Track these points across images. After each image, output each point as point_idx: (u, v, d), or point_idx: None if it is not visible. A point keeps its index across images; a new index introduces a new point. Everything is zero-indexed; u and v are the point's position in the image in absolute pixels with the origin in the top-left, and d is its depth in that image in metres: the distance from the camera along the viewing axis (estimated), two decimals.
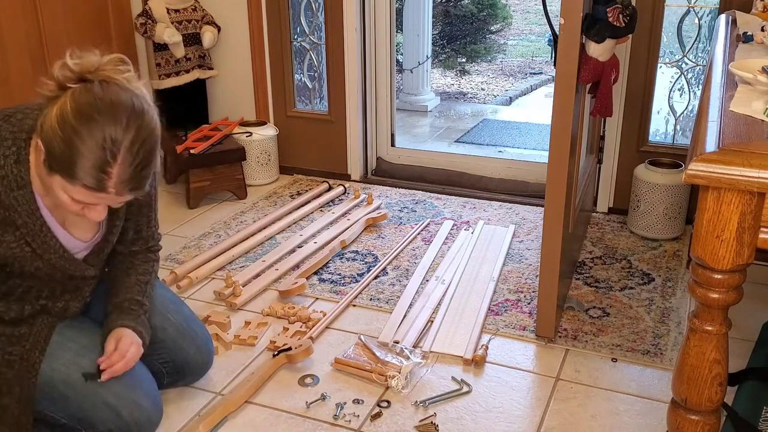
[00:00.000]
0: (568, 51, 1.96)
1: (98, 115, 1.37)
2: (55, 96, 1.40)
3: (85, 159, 1.36)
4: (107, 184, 1.40)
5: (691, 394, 1.31)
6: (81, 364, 1.68)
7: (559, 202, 2.10)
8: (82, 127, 1.36)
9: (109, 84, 1.41)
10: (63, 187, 1.41)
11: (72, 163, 1.37)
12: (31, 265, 1.56)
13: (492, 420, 1.91)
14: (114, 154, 1.38)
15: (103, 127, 1.37)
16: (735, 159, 1.12)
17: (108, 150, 1.37)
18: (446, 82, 6.26)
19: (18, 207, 1.48)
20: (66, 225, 1.60)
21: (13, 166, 1.47)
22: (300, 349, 2.09)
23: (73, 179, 1.38)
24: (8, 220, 1.48)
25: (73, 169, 1.37)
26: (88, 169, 1.37)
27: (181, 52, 3.39)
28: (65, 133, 1.36)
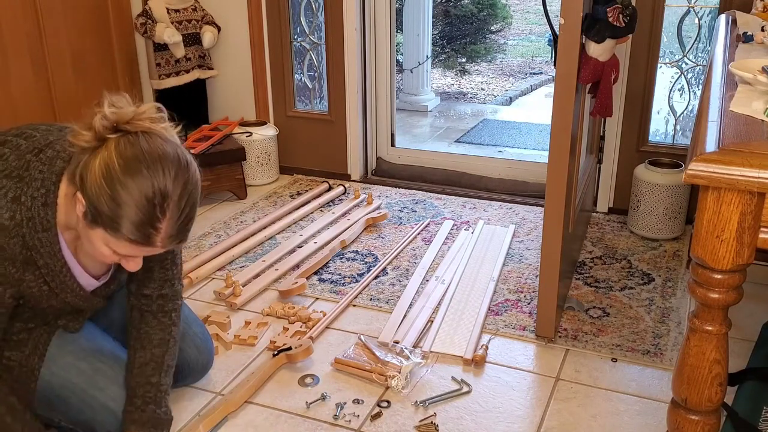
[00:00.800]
0: (568, 51, 1.96)
1: (147, 170, 1.34)
2: (93, 147, 1.36)
3: (134, 215, 1.34)
4: (155, 239, 1.38)
5: (691, 394, 1.31)
6: (80, 368, 1.67)
7: (559, 202, 2.10)
8: (130, 183, 1.33)
9: (152, 136, 1.38)
10: (105, 240, 1.39)
11: (119, 219, 1.34)
12: (46, 302, 1.55)
13: (492, 420, 1.91)
14: (163, 210, 1.36)
15: (152, 182, 1.34)
16: (735, 159, 1.12)
17: (157, 205, 1.35)
18: (446, 82, 6.27)
19: (41, 248, 1.46)
20: (80, 259, 1.58)
21: (41, 209, 1.44)
22: (300, 349, 2.09)
23: (119, 234, 1.36)
24: (30, 260, 1.47)
25: (120, 225, 1.34)
26: (136, 224, 1.35)
27: (181, 52, 3.39)
28: (113, 189, 1.33)
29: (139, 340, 1.72)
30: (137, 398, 1.68)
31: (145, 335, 1.72)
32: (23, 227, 1.43)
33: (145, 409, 1.68)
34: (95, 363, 1.70)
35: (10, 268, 1.44)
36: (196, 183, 1.43)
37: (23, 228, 1.43)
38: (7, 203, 1.42)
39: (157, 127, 1.40)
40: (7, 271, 1.44)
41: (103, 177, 1.33)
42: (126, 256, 1.44)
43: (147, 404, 1.68)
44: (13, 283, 1.47)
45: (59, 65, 3.23)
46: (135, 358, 1.70)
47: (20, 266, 1.46)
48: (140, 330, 1.72)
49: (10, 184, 1.43)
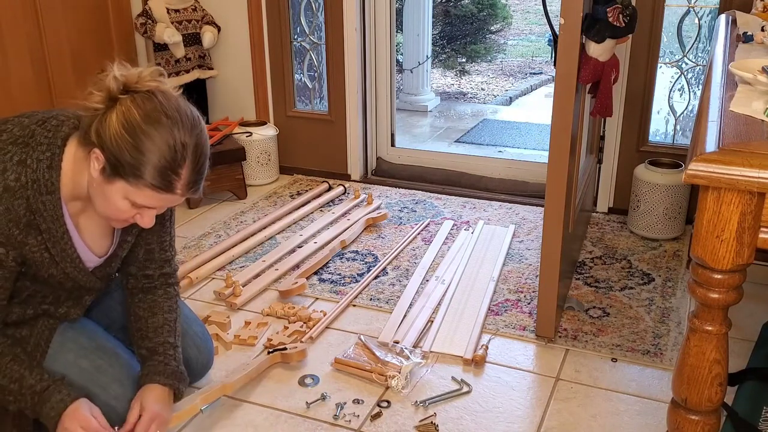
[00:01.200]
0: (568, 51, 1.96)
1: (167, 119, 1.42)
2: (106, 107, 1.42)
3: (157, 161, 1.41)
4: (176, 185, 1.45)
5: (691, 394, 1.31)
6: (82, 366, 1.68)
7: (559, 202, 2.10)
8: (152, 131, 1.40)
9: (165, 93, 1.46)
10: (125, 192, 1.44)
11: (142, 166, 1.40)
12: (46, 271, 1.56)
13: (492, 420, 1.91)
14: (183, 157, 1.43)
15: (172, 130, 1.42)
16: (735, 159, 1.12)
17: (178, 152, 1.42)
18: (446, 82, 6.27)
19: (44, 212, 1.49)
20: (83, 236, 1.60)
21: (45, 171, 1.47)
22: (294, 351, 2.09)
23: (142, 182, 1.42)
24: (33, 224, 1.49)
25: (143, 172, 1.41)
26: (159, 170, 1.41)
27: (181, 52, 3.39)
28: (135, 137, 1.39)
29: (150, 309, 1.77)
30: (159, 355, 1.72)
31: (155, 304, 1.78)
32: (28, 189, 1.45)
33: (168, 363, 1.72)
34: (96, 361, 1.70)
35: (14, 230, 1.46)
36: (206, 136, 1.51)
37: (28, 190, 1.45)
38: (12, 166, 1.45)
39: (164, 86, 1.48)
40: (11, 232, 1.46)
41: (123, 128, 1.40)
42: (144, 207, 1.48)
43: (169, 360, 1.73)
44: (16, 245, 1.48)
45: (59, 65, 3.23)
46: (148, 323, 1.75)
47: (24, 229, 1.47)
48: (146, 302, 1.78)
49: (16, 149, 1.47)
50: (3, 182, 1.44)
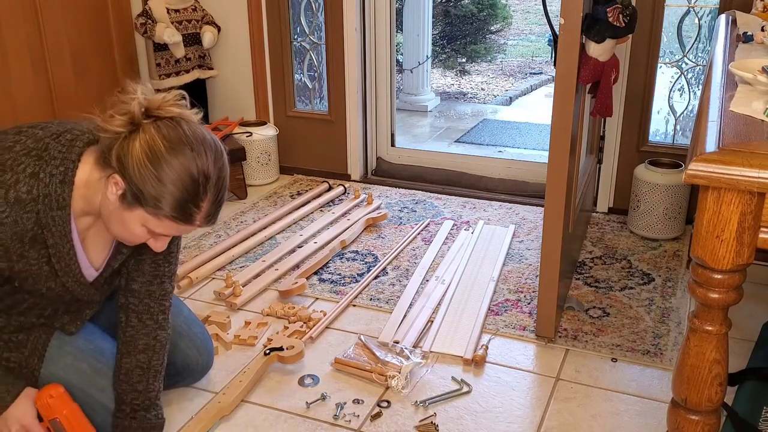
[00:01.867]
0: (568, 51, 1.96)
1: (191, 151, 1.40)
2: (128, 131, 1.40)
3: (179, 194, 1.39)
4: (195, 217, 1.43)
5: (691, 394, 1.31)
6: (80, 369, 1.67)
7: (559, 202, 2.10)
8: (176, 163, 1.38)
9: (188, 121, 1.44)
10: (144, 220, 1.43)
11: (163, 198, 1.39)
12: (44, 284, 1.54)
13: (492, 420, 1.91)
14: (205, 190, 1.41)
15: (197, 162, 1.40)
16: (735, 159, 1.12)
17: (201, 185, 1.40)
18: (446, 82, 6.27)
19: (53, 227, 1.46)
20: (86, 251, 1.58)
21: (58, 186, 1.44)
22: (292, 352, 2.07)
23: (161, 212, 1.40)
24: (39, 238, 1.46)
25: (164, 203, 1.39)
26: (181, 202, 1.40)
27: (181, 52, 3.39)
28: (159, 168, 1.37)
29: (125, 344, 1.70)
30: (125, 405, 1.68)
31: (131, 340, 1.70)
32: (39, 203, 1.44)
33: (134, 416, 1.68)
34: (94, 364, 1.70)
35: (16, 243, 1.44)
36: (227, 166, 1.49)
37: (39, 204, 1.44)
38: (25, 178, 1.43)
39: (186, 113, 1.45)
40: (11, 245, 1.44)
41: (147, 158, 1.37)
42: (160, 235, 1.47)
43: (135, 411, 1.69)
44: (12, 258, 1.45)
45: (59, 65, 3.23)
46: (121, 364, 1.70)
47: (27, 243, 1.46)
48: (126, 333, 1.70)
49: (29, 161, 1.45)
50: (15, 194, 1.42)
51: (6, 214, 1.41)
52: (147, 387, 1.70)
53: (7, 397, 1.54)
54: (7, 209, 1.41)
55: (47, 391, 1.59)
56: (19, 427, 1.56)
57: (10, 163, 1.44)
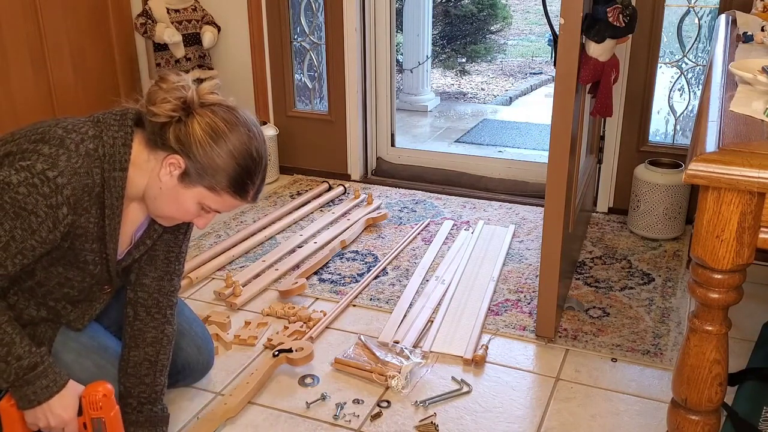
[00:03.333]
0: (568, 51, 1.96)
1: (246, 129, 1.51)
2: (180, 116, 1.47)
3: (240, 168, 1.49)
4: (249, 192, 1.54)
5: (691, 394, 1.31)
6: (84, 365, 1.68)
7: (559, 202, 2.10)
8: (236, 140, 1.48)
9: (235, 106, 1.55)
10: (202, 197, 1.51)
11: (225, 173, 1.48)
12: (90, 244, 1.54)
13: (492, 420, 1.91)
14: (259, 165, 1.53)
15: (252, 140, 1.51)
16: (735, 159, 1.12)
17: (256, 161, 1.52)
18: (446, 82, 6.26)
19: (113, 188, 1.50)
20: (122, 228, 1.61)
21: (121, 148, 1.50)
22: (302, 354, 2.07)
23: (221, 188, 1.50)
24: (99, 197, 1.50)
25: (225, 178, 1.49)
26: (239, 177, 1.50)
27: (181, 52, 3.39)
28: (221, 145, 1.47)
29: (133, 338, 1.73)
30: (132, 399, 1.70)
31: (139, 333, 1.73)
32: (105, 162, 1.48)
33: (141, 410, 1.70)
34: (99, 360, 1.70)
35: (85, 196, 1.47)
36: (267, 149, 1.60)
37: (105, 163, 1.48)
38: (89, 138, 1.48)
39: (228, 100, 1.55)
40: (81, 197, 1.46)
41: (210, 137, 1.47)
42: (213, 211, 1.56)
43: (142, 404, 1.70)
44: (79, 212, 1.47)
45: (59, 65, 3.23)
46: (129, 357, 1.72)
47: (93, 198, 1.49)
48: (134, 327, 1.73)
49: (89, 125, 1.50)
50: (85, 148, 1.46)
51: (79, 164, 1.44)
52: (154, 380, 1.72)
53: (54, 388, 1.52)
54: (80, 160, 1.45)
55: (97, 387, 1.56)
56: (59, 421, 1.54)
57: (71, 127, 1.48)
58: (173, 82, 1.49)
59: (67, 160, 1.43)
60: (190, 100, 1.48)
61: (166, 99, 1.46)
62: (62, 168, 1.42)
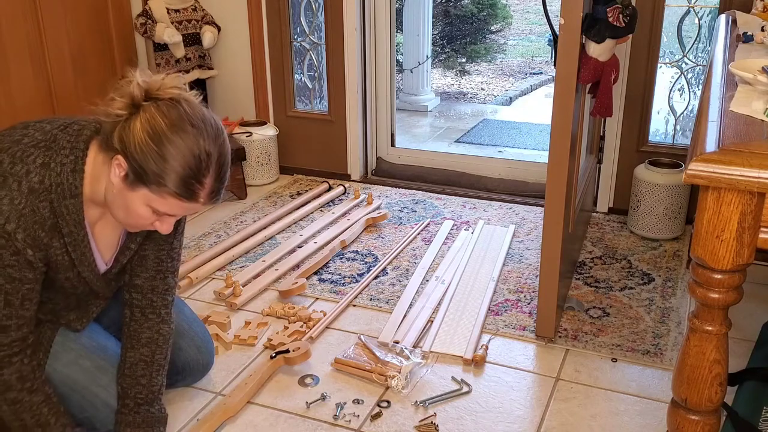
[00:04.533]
0: (568, 51, 1.96)
1: (192, 128, 1.41)
2: (129, 113, 1.41)
3: (181, 170, 1.40)
4: (199, 194, 1.44)
5: (691, 394, 1.31)
6: (83, 366, 1.68)
7: (559, 202, 2.10)
8: (178, 140, 1.40)
9: (189, 101, 1.46)
10: (148, 200, 1.44)
11: (166, 174, 1.40)
12: (64, 274, 1.56)
13: (492, 420, 1.91)
14: (207, 166, 1.43)
15: (197, 139, 1.41)
16: (735, 159, 1.12)
17: (203, 161, 1.42)
18: (446, 82, 6.26)
19: (67, 215, 1.48)
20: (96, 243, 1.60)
21: (69, 175, 1.47)
22: (298, 353, 2.08)
23: (165, 190, 1.41)
24: (56, 227, 1.48)
25: (167, 180, 1.40)
26: (184, 179, 1.41)
27: (181, 52, 3.39)
28: (160, 145, 1.39)
29: (129, 339, 1.73)
30: (129, 399, 1.69)
31: (134, 334, 1.72)
32: (52, 193, 1.45)
33: (138, 411, 1.69)
34: (98, 361, 1.70)
35: (39, 232, 1.45)
36: (229, 144, 1.51)
37: (52, 193, 1.45)
38: (36, 168, 1.45)
39: (186, 94, 1.47)
40: (37, 234, 1.45)
41: (148, 136, 1.39)
42: (165, 215, 1.48)
43: (139, 405, 1.70)
44: (42, 248, 1.48)
45: (59, 65, 3.23)
46: (125, 358, 1.72)
47: (48, 231, 1.47)
48: (130, 328, 1.73)
49: (38, 152, 1.47)
50: (28, 184, 1.44)
51: (23, 204, 1.43)
52: (150, 381, 1.72)
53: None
54: (23, 200, 1.43)
55: None
56: None
57: (20, 155, 1.46)
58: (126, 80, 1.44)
59: (10, 203, 1.42)
60: (135, 97, 1.42)
61: (114, 98, 1.42)
62: (7, 213, 1.41)
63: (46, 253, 1.49)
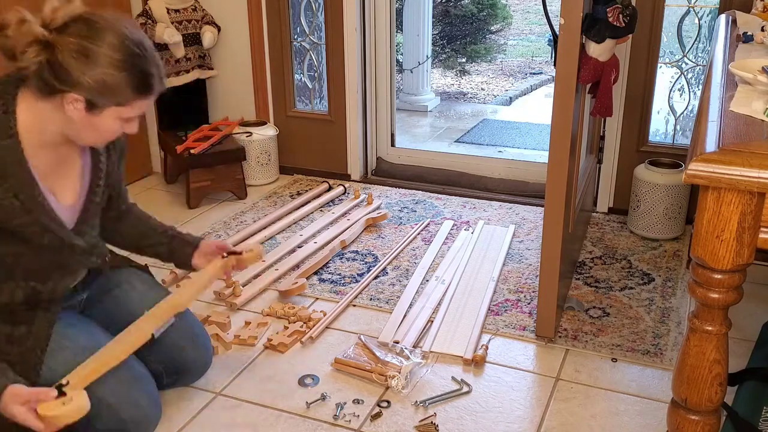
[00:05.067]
0: (568, 51, 1.96)
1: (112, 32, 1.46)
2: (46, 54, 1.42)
3: (134, 71, 1.47)
4: (155, 84, 1.53)
5: (691, 394, 1.31)
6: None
7: (559, 202, 2.10)
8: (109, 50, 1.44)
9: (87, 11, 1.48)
10: (118, 113, 1.51)
11: (124, 83, 1.47)
12: (18, 220, 1.55)
13: (492, 420, 1.91)
14: (146, 54, 1.51)
15: (126, 37, 1.47)
16: (735, 159, 1.12)
17: (143, 52, 1.49)
18: (446, 82, 6.26)
19: (6, 157, 1.49)
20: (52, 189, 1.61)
21: (1, 116, 1.48)
22: (251, 255, 1.99)
23: (129, 96, 1.49)
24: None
25: (127, 88, 1.48)
26: (139, 78, 1.49)
27: (181, 52, 3.38)
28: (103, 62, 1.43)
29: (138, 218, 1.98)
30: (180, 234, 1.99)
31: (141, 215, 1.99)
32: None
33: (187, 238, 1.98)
34: None
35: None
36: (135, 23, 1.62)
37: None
38: None
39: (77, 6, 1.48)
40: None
41: (84, 61, 1.43)
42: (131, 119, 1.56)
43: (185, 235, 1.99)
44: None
45: None
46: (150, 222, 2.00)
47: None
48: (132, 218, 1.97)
49: None
50: None
51: None
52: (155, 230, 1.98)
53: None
54: None
55: None
56: None
57: None
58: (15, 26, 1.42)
59: None
60: (40, 36, 1.42)
61: (23, 50, 1.42)
62: None
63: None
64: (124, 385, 1.69)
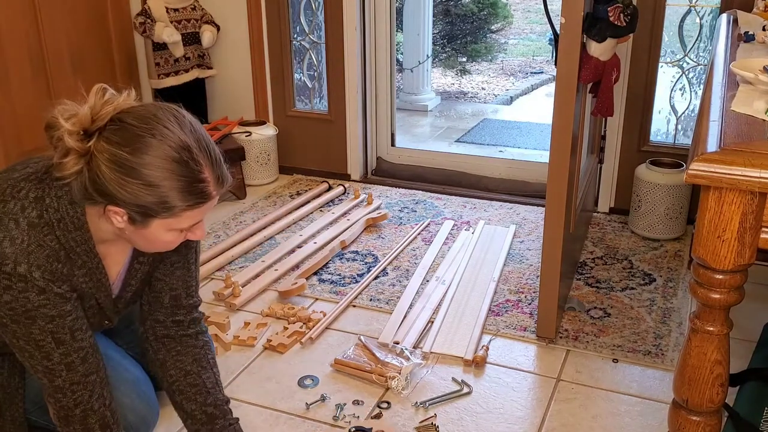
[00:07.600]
0: (569, 50, 1.95)
1: (152, 137, 1.27)
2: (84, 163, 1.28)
3: (177, 183, 1.28)
4: (209, 191, 1.33)
5: (692, 395, 1.31)
6: None
7: (560, 202, 2.09)
8: (150, 159, 1.26)
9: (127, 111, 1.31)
10: (167, 226, 1.34)
11: (168, 198, 1.29)
12: (87, 302, 1.48)
13: (493, 421, 1.91)
14: (195, 160, 1.30)
15: (167, 143, 1.28)
16: (736, 159, 1.11)
17: (189, 160, 1.29)
18: (447, 81, 6.26)
19: (77, 247, 1.38)
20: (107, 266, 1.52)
21: (69, 208, 1.35)
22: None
23: (177, 210, 1.31)
24: (70, 258, 1.39)
25: (172, 202, 1.29)
26: (185, 189, 1.30)
27: (180, 52, 3.38)
28: (140, 176, 1.26)
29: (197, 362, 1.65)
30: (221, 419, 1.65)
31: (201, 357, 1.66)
32: (55, 229, 1.35)
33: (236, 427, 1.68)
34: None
35: (55, 264, 1.35)
36: (194, 120, 1.36)
37: (56, 230, 1.35)
38: (30, 203, 1.34)
39: (121, 103, 1.33)
40: (54, 267, 1.35)
41: (123, 175, 1.26)
42: (192, 225, 1.38)
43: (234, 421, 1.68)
44: (65, 279, 1.38)
45: (58, 64, 3.22)
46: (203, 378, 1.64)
47: (64, 262, 1.37)
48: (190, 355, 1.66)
49: (30, 185, 1.36)
50: (26, 219, 1.33)
51: (26, 242, 1.32)
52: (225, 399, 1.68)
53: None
54: (26, 237, 1.32)
55: None
56: None
57: (9, 191, 1.36)
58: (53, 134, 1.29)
59: (11, 244, 1.31)
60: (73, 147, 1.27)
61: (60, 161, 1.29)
62: (12, 256, 1.31)
63: (70, 282, 1.40)
64: (120, 388, 1.68)
